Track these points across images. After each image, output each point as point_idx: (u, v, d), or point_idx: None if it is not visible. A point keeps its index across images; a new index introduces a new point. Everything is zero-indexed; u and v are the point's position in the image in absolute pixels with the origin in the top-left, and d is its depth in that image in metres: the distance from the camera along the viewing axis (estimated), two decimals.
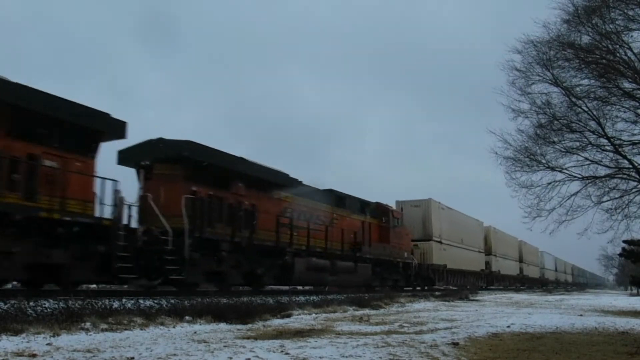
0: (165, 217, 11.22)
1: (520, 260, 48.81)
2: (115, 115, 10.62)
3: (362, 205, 20.55)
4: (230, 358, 4.85)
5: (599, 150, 14.32)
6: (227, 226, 12.89)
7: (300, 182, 16.69)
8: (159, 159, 12.17)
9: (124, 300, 8.92)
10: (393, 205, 24.94)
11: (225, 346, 5.53)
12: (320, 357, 4.98)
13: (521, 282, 48.96)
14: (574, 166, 14.62)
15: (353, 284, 18.76)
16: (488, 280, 38.21)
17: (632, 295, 39.98)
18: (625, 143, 14.05)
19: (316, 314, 10.64)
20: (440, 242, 28.37)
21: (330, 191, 18.77)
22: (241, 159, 13.85)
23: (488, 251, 38.73)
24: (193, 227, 11.62)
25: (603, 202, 14.43)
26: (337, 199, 18.89)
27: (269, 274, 14.45)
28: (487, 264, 38.02)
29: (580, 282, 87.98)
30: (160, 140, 12.30)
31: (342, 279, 17.97)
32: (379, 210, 21.90)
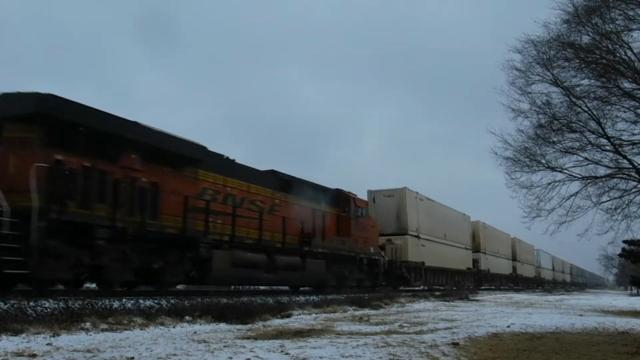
0: (12, 192, 8.79)
1: (514, 259, 46.21)
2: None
3: (317, 192, 17.39)
4: (230, 358, 4.86)
5: (599, 150, 14.36)
6: (112, 208, 10.15)
7: (229, 159, 14.15)
8: (9, 118, 9.55)
9: (124, 300, 8.92)
10: (364, 195, 23.08)
11: (225, 346, 5.54)
12: (320, 357, 4.98)
13: (514, 282, 45.87)
14: (573, 166, 14.67)
15: (299, 283, 16.52)
16: (476, 279, 35.11)
17: (632, 295, 39.98)
18: (625, 143, 14.08)
19: (316, 314, 10.64)
20: (417, 237, 25.37)
21: (272, 172, 15.87)
22: (134, 123, 11.11)
23: (476, 248, 35.75)
24: (49, 206, 8.95)
25: (603, 202, 14.47)
26: (281, 182, 15.76)
27: (174, 269, 11.64)
28: (475, 262, 35.27)
29: (579, 282, 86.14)
30: (16, 95, 9.59)
31: (285, 277, 15.21)
32: (339, 198, 18.80)
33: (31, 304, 7.30)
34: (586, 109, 13.94)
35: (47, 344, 5.26)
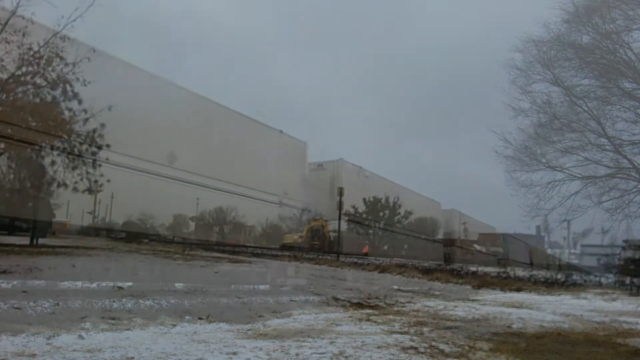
0: None
1: (449, 244, 31.61)
2: None
3: None
4: (230, 358, 4.86)
5: (599, 149, 14.40)
6: None
7: None
8: None
9: (123, 300, 8.93)
10: None
11: (225, 346, 5.54)
12: (320, 357, 4.98)
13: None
14: (574, 166, 14.73)
15: None
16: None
17: (632, 295, 39.84)
18: (625, 143, 14.13)
19: (316, 313, 10.63)
20: None
21: None
22: None
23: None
24: None
25: (603, 201, 14.51)
26: None
27: None
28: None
29: (574, 281, 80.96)
30: None
31: None
32: None
33: (31, 303, 7.31)
34: (586, 109, 14.00)
35: (47, 344, 5.26)
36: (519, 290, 18.45)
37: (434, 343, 6.21)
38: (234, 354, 5.16)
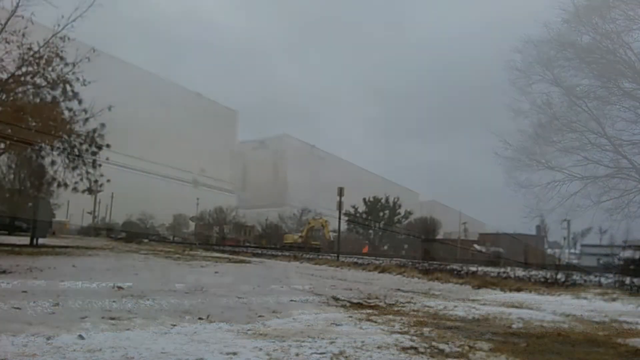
0: None
1: (429, 239, 28.40)
2: None
3: None
4: (230, 358, 4.87)
5: (599, 149, 14.42)
6: None
7: None
8: None
9: (123, 300, 8.94)
10: None
11: (225, 346, 5.54)
12: (320, 357, 4.98)
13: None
14: (573, 166, 14.74)
15: None
16: None
17: (632, 295, 39.80)
18: (625, 143, 14.14)
19: (316, 313, 10.64)
20: None
21: None
22: None
23: None
24: None
25: (603, 201, 14.52)
26: None
27: None
28: None
29: (572, 281, 79.44)
30: None
31: None
32: None
33: (31, 303, 7.32)
34: (586, 109, 14.01)
35: (47, 344, 5.26)
36: (519, 290, 18.41)
37: (434, 343, 6.21)
38: (234, 354, 5.17)
